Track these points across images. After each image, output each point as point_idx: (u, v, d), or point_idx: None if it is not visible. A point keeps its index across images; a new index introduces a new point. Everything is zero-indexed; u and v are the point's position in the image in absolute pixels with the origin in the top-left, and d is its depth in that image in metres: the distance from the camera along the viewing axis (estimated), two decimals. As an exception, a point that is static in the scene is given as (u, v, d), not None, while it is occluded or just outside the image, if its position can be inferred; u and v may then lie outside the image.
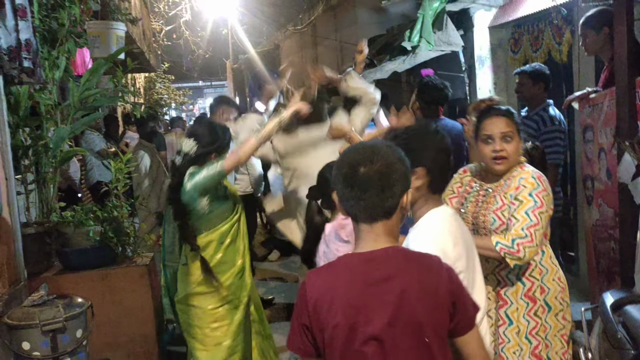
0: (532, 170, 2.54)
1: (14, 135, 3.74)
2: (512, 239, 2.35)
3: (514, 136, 2.54)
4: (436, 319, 1.53)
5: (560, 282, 2.57)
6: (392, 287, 1.52)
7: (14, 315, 2.84)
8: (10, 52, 3.04)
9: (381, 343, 1.50)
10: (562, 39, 5.23)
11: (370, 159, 1.57)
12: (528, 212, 2.39)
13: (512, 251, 2.33)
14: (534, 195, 2.42)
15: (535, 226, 2.37)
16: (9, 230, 3.22)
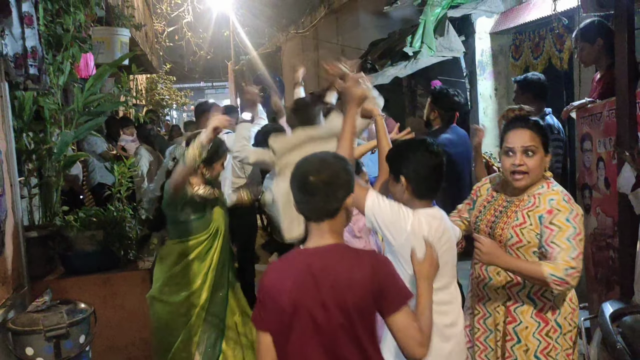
0: (561, 191, 2.43)
1: (18, 140, 3.77)
2: (565, 268, 2.25)
3: (538, 150, 2.43)
4: (361, 303, 1.82)
5: (572, 303, 2.50)
6: (328, 277, 1.83)
7: (18, 321, 2.86)
8: (17, 59, 3.07)
9: (316, 321, 1.82)
10: (562, 47, 5.26)
11: (318, 170, 1.89)
12: (570, 240, 2.30)
13: (563, 282, 2.25)
14: (572, 221, 2.33)
15: (580, 255, 2.30)
16: (13, 236, 3.25)
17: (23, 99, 3.86)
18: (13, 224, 3.27)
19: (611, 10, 3.73)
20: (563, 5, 4.66)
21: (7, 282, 3.11)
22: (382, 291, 1.83)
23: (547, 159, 2.47)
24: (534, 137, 2.44)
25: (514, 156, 2.45)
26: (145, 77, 14.16)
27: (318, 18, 10.91)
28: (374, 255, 1.96)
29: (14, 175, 3.31)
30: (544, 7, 5.28)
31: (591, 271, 3.73)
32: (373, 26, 8.72)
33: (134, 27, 6.34)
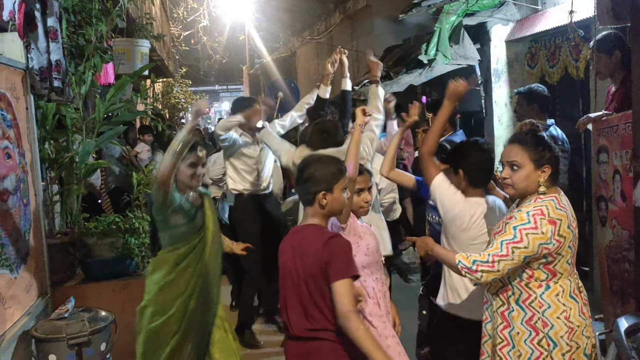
0: (535, 207, 2.46)
1: (40, 148, 3.85)
2: (474, 260, 2.44)
3: (523, 165, 2.50)
4: (312, 269, 2.36)
5: (569, 322, 2.48)
6: (299, 248, 2.43)
7: (41, 329, 2.94)
8: (42, 72, 3.15)
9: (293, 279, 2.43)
10: (579, 56, 5.26)
11: (304, 166, 2.50)
12: (502, 242, 2.42)
13: (471, 270, 2.44)
14: (517, 230, 2.41)
15: (503, 257, 2.41)
16: (37, 245, 3.32)
17: (46, 109, 3.95)
18: (37, 233, 3.34)
19: (627, 23, 3.74)
20: (579, 15, 4.66)
21: (31, 290, 3.19)
22: (328, 262, 2.33)
23: (541, 174, 2.50)
24: (519, 152, 2.51)
25: (504, 170, 2.60)
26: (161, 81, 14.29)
27: (333, 24, 10.95)
28: (332, 235, 2.43)
29: (38, 185, 3.39)
30: (560, 15, 5.29)
31: (606, 284, 3.73)
32: (388, 32, 8.75)
33: (154, 37, 6.43)
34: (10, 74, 3.05)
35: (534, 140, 2.53)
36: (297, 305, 2.43)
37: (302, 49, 13.75)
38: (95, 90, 4.71)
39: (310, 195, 2.45)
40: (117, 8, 4.56)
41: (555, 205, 2.48)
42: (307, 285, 2.39)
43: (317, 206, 2.45)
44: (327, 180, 2.44)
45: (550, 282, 2.50)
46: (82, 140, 4.23)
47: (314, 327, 2.40)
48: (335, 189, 2.45)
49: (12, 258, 2.94)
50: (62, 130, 4.17)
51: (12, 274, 2.92)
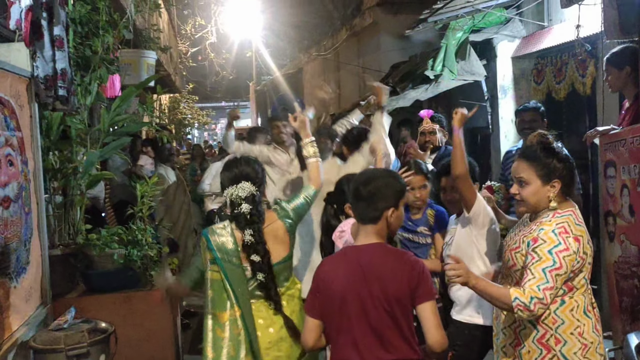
0: (557, 223, 2.39)
1: (44, 158, 3.84)
2: (531, 297, 2.26)
3: (531, 181, 2.45)
4: (400, 293, 2.20)
5: (582, 339, 2.41)
6: (373, 269, 2.23)
7: (39, 339, 2.90)
8: (47, 80, 3.15)
9: (364, 306, 2.22)
10: (585, 72, 5.24)
11: (366, 182, 2.33)
12: (546, 272, 2.29)
13: (527, 309, 2.26)
14: (554, 254, 2.31)
15: (551, 289, 2.28)
16: (38, 254, 3.30)
17: (51, 119, 3.95)
18: (38, 242, 3.32)
19: (635, 37, 3.72)
20: (586, 31, 4.65)
21: (31, 300, 3.16)
22: (417, 285, 2.21)
23: (550, 189, 2.43)
24: (526, 167, 2.46)
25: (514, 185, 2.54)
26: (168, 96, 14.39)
27: (340, 40, 11.00)
28: (411, 256, 2.33)
29: (40, 194, 3.37)
30: (566, 32, 5.29)
31: (615, 300, 3.67)
32: (394, 49, 8.77)
33: (160, 49, 6.46)
34: (15, 81, 3.06)
35: (542, 154, 2.46)
36: (369, 335, 2.22)
37: (309, 65, 13.81)
38: (101, 103, 4.71)
39: (376, 213, 2.29)
40: (124, 20, 4.59)
41: (575, 220, 2.42)
42: (390, 310, 2.21)
43: (383, 223, 2.30)
44: (396, 196, 2.33)
45: (565, 297, 2.42)
46: (86, 152, 4.22)
47: (397, 357, 2.23)
48: (400, 205, 2.36)
49: (12, 266, 2.91)
50: (66, 140, 4.16)
51: (12, 282, 2.89)
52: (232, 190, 2.88)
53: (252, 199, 2.87)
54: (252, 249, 2.82)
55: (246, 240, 2.82)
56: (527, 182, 2.45)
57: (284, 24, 13.24)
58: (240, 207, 2.85)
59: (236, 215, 2.87)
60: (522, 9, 6.14)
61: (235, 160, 3.03)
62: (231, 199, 2.89)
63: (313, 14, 12.37)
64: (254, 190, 2.89)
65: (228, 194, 2.89)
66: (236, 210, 2.86)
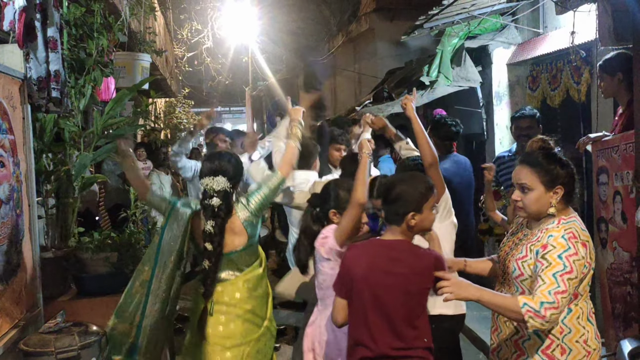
0: (566, 229, 2.36)
1: (37, 161, 3.82)
2: (541, 302, 2.21)
3: (534, 187, 2.42)
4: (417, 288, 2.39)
5: (587, 346, 2.40)
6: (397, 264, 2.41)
7: (29, 342, 2.87)
8: (40, 82, 3.13)
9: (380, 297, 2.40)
10: (580, 79, 5.26)
11: (391, 187, 2.50)
12: (556, 276, 2.25)
13: (538, 315, 2.20)
14: (564, 259, 2.28)
15: (563, 293, 2.23)
16: (29, 256, 3.27)
17: (44, 121, 3.93)
18: (29, 245, 3.30)
19: (629, 44, 3.73)
20: (581, 38, 4.67)
21: (21, 302, 3.13)
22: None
23: (552, 195, 2.41)
24: (529, 174, 2.43)
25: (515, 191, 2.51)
26: (164, 100, 14.36)
27: (336, 46, 11.02)
28: (433, 253, 2.50)
29: (32, 196, 3.35)
30: (561, 39, 5.30)
31: (608, 307, 3.67)
32: (390, 55, 8.80)
33: (155, 52, 6.45)
34: (8, 82, 3.04)
35: (544, 160, 2.44)
36: (382, 322, 2.40)
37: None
38: (95, 105, 4.69)
39: (397, 217, 2.46)
40: (118, 22, 4.57)
41: (580, 226, 2.41)
42: (405, 303, 2.39)
43: (405, 225, 2.46)
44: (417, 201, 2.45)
45: (571, 304, 2.40)
46: (79, 154, 4.20)
47: (406, 345, 2.39)
48: (425, 209, 2.46)
49: (2, 268, 2.89)
50: (60, 143, 4.14)
51: (2, 284, 2.87)
52: (208, 180, 3.13)
53: (224, 194, 3.10)
54: (209, 238, 3.06)
55: (206, 229, 3.06)
56: (530, 188, 2.42)
57: (281, 31, 13.25)
58: (212, 200, 3.08)
59: (205, 205, 3.11)
60: (518, 16, 6.16)
61: (219, 154, 3.27)
62: (205, 188, 3.14)
63: (310, 20, 12.40)
64: (227, 187, 3.12)
65: (203, 183, 3.15)
66: (206, 201, 3.10)
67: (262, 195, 3.22)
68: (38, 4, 3.09)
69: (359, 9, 10.06)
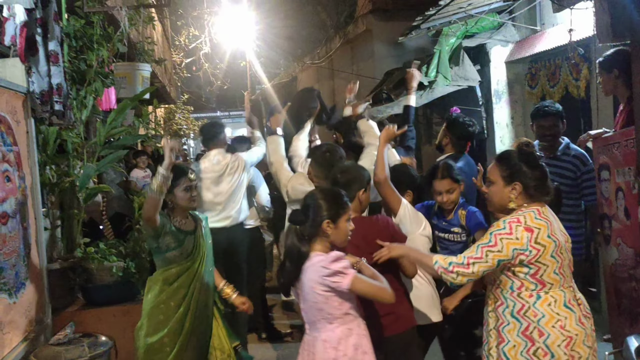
0: (512, 216, 2.57)
1: (41, 173, 3.84)
2: (450, 261, 2.54)
3: (495, 181, 2.65)
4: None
5: (565, 331, 2.47)
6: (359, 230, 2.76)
7: (40, 354, 2.89)
8: (43, 95, 3.16)
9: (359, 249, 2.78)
10: (579, 75, 5.28)
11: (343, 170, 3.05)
12: (478, 246, 2.52)
13: (447, 271, 2.54)
14: (492, 235, 2.52)
15: (477, 259, 2.51)
16: (37, 269, 3.29)
17: (47, 133, 3.95)
18: (37, 257, 3.32)
19: (627, 40, 3.75)
20: (579, 34, 4.68)
21: (30, 315, 3.14)
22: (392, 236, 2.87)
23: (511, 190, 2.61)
24: (494, 169, 2.67)
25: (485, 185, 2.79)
26: (164, 107, 14.41)
27: (333, 48, 11.03)
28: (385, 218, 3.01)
29: (38, 209, 3.37)
30: (559, 36, 5.32)
31: (614, 303, 3.68)
32: (388, 56, 8.80)
33: (155, 62, 6.47)
34: (11, 97, 3.06)
35: (513, 157, 2.67)
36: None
37: (303, 74, 13.84)
38: (97, 116, 4.72)
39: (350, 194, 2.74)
40: (118, 33, 4.59)
41: (535, 215, 2.57)
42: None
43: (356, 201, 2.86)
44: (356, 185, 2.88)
45: (540, 292, 2.54)
46: (82, 165, 4.22)
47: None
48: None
49: (11, 282, 2.90)
50: (63, 154, 4.16)
51: (11, 298, 2.89)
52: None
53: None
54: None
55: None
56: (492, 181, 2.67)
57: (277, 35, 13.28)
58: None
59: None
60: (515, 14, 6.18)
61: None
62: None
63: (307, 23, 12.41)
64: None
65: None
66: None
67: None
68: (39, 18, 3.11)
69: (355, 11, 10.07)
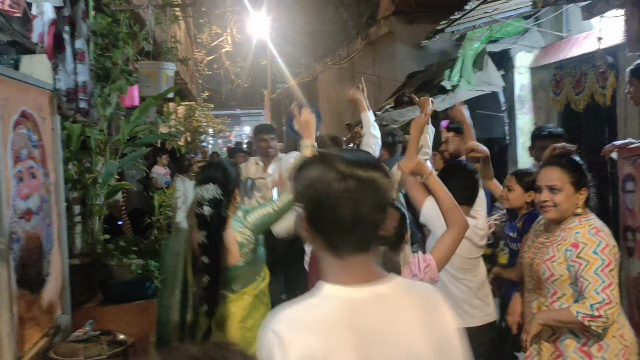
0: (590, 225, 2.46)
1: (64, 169, 3.87)
2: (591, 304, 2.31)
3: (564, 188, 2.51)
4: None
5: (623, 340, 2.43)
6: None
7: (59, 350, 2.91)
8: (69, 93, 3.18)
9: None
10: (605, 83, 5.20)
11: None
12: (598, 272, 2.33)
13: (594, 317, 2.30)
14: (599, 253, 2.36)
15: (610, 286, 2.32)
16: (58, 266, 3.32)
17: (71, 129, 3.98)
18: (59, 254, 3.34)
19: (658, 50, 3.69)
20: (606, 42, 4.62)
21: (51, 311, 3.17)
22: None
23: (579, 196, 2.52)
24: (560, 175, 2.53)
25: (541, 193, 2.57)
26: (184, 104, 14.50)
27: (355, 49, 11.00)
28: None
29: (61, 206, 3.40)
30: (585, 43, 5.26)
31: (635, 317, 3.61)
32: (410, 59, 8.75)
33: (179, 61, 6.51)
34: (38, 94, 3.09)
35: (572, 163, 2.57)
36: None
37: (324, 74, 13.83)
38: (120, 113, 4.75)
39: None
40: (143, 31, 4.62)
41: (597, 220, 2.52)
42: None
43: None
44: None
45: None
46: (105, 162, 4.25)
47: None
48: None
49: (33, 279, 2.93)
50: (86, 151, 4.19)
51: (33, 294, 2.91)
52: (199, 189, 2.97)
53: (215, 202, 2.92)
54: (202, 250, 2.90)
55: (199, 241, 2.90)
56: (559, 188, 2.52)
57: (299, 33, 13.28)
58: (202, 209, 2.92)
59: (197, 215, 2.94)
60: (541, 20, 6.11)
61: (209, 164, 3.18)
62: (197, 199, 2.97)
63: (328, 22, 12.39)
64: (218, 194, 2.93)
65: (196, 195, 3.00)
66: (198, 211, 2.94)
67: (264, 212, 2.99)
68: (67, 16, 3.13)
69: (377, 12, 10.03)
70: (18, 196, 2.74)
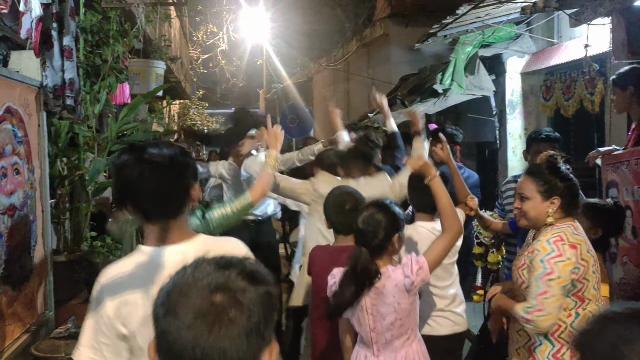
0: (553, 234, 2.46)
1: (52, 165, 3.88)
2: (525, 307, 2.40)
3: (533, 197, 2.54)
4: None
5: None
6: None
7: (40, 347, 2.92)
8: (55, 90, 3.19)
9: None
10: (594, 90, 5.23)
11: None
12: (538, 279, 2.39)
13: (526, 320, 2.39)
14: (545, 262, 2.39)
15: (544, 294, 2.36)
16: (42, 262, 3.32)
17: (59, 126, 3.99)
18: (42, 250, 3.35)
19: (642, 58, 3.71)
20: (595, 49, 4.64)
21: (33, 307, 3.18)
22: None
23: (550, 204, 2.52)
24: (529, 184, 2.57)
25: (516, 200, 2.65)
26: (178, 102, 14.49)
27: (350, 51, 11.03)
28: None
29: (45, 202, 3.40)
30: (575, 49, 5.28)
31: (617, 322, 3.64)
32: (404, 61, 8.78)
33: (170, 59, 6.51)
34: (24, 90, 3.09)
35: (546, 171, 2.57)
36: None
37: (319, 75, 13.85)
38: (110, 110, 4.76)
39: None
40: (134, 29, 4.62)
41: (572, 231, 2.50)
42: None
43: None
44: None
45: (579, 309, 2.46)
46: (93, 159, 4.26)
47: None
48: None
49: (16, 274, 2.93)
50: (74, 148, 4.20)
51: (15, 290, 2.92)
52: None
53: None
54: None
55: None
56: (528, 197, 2.56)
57: (295, 32, 13.30)
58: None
59: None
60: (532, 25, 6.14)
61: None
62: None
63: (324, 22, 12.42)
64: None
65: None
66: None
67: (223, 212, 2.80)
68: (55, 13, 3.14)
69: (373, 14, 10.06)
70: (1, 192, 2.75)
